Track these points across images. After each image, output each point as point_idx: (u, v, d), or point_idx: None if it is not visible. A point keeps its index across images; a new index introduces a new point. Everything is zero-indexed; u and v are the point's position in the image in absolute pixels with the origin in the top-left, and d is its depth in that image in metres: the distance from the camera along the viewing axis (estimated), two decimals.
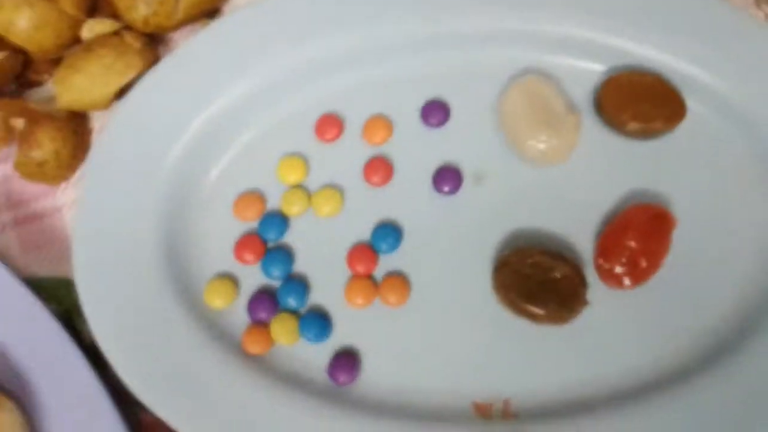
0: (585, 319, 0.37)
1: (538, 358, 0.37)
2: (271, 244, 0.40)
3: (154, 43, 0.44)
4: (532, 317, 0.36)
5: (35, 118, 0.40)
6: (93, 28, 0.42)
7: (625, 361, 0.37)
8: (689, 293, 0.38)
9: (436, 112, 0.41)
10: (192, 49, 0.41)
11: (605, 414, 0.35)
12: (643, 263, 0.36)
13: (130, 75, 0.42)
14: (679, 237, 0.37)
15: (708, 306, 0.38)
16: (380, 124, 0.41)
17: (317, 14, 0.42)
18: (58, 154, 0.40)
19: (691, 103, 0.40)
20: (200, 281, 0.39)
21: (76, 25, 0.42)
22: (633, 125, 0.39)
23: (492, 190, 0.40)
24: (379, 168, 0.40)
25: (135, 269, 0.38)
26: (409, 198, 0.40)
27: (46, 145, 0.40)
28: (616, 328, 0.37)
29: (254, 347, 0.37)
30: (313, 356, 0.38)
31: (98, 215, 0.39)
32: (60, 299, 0.39)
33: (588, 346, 0.37)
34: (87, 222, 0.38)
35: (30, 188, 0.42)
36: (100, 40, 0.42)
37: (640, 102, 0.39)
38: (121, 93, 0.42)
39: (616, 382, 0.36)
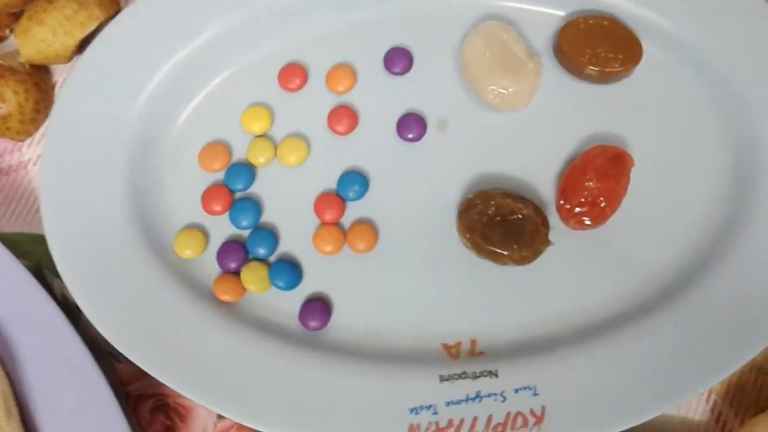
0: (548, 259, 0.38)
1: (502, 299, 0.38)
2: (238, 195, 0.40)
3: None
4: (496, 258, 0.37)
5: None
6: None
7: (587, 299, 0.38)
8: (648, 231, 0.39)
9: (399, 59, 0.41)
10: None
11: (568, 351, 0.36)
12: (603, 203, 0.37)
13: (92, 26, 0.41)
14: (637, 177, 0.38)
15: (666, 243, 0.39)
16: (344, 72, 0.41)
17: None
18: (21, 108, 0.40)
19: (647, 46, 0.41)
20: (170, 232, 0.39)
21: None
22: (591, 69, 0.39)
23: (455, 135, 0.41)
24: (344, 116, 0.41)
25: (104, 222, 0.38)
26: (374, 146, 0.41)
27: (10, 98, 0.40)
28: (578, 268, 0.39)
29: (225, 295, 0.38)
30: (285, 303, 0.38)
31: (64, 169, 0.39)
32: (29, 254, 0.40)
33: (551, 286, 0.38)
34: (53, 176, 0.38)
35: None
36: None
37: (597, 46, 0.40)
38: (83, 46, 0.42)
39: (579, 319, 0.38)
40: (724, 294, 0.37)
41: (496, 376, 0.36)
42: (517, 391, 0.35)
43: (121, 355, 0.36)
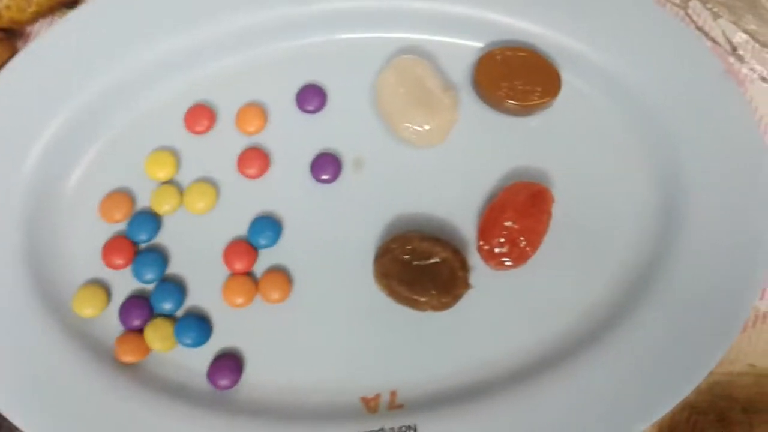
0: (469, 302, 0.36)
1: (423, 347, 0.36)
2: (141, 246, 0.38)
3: (11, 38, 0.42)
4: (414, 305, 0.35)
5: None
6: None
7: (511, 343, 0.36)
8: (572, 269, 0.38)
9: (311, 97, 0.40)
10: (49, 42, 0.39)
11: (491, 400, 0.35)
12: (523, 242, 0.36)
13: None
14: (560, 213, 0.37)
15: (590, 281, 0.37)
16: (254, 112, 0.40)
17: (182, 0, 0.40)
18: None
19: (568, 76, 0.40)
20: (69, 289, 0.37)
21: None
22: (509, 102, 0.38)
23: (372, 175, 0.39)
24: (255, 159, 0.39)
25: None
26: (287, 189, 0.39)
27: None
28: (501, 310, 0.37)
29: (128, 356, 0.36)
30: (193, 361, 0.36)
31: None
32: None
33: (473, 331, 0.37)
34: None
35: None
36: None
37: (515, 78, 0.38)
38: None
39: (502, 365, 0.36)
40: (652, 332, 0.36)
41: (415, 431, 0.34)
42: None
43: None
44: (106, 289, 0.37)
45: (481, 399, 0.35)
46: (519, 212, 0.36)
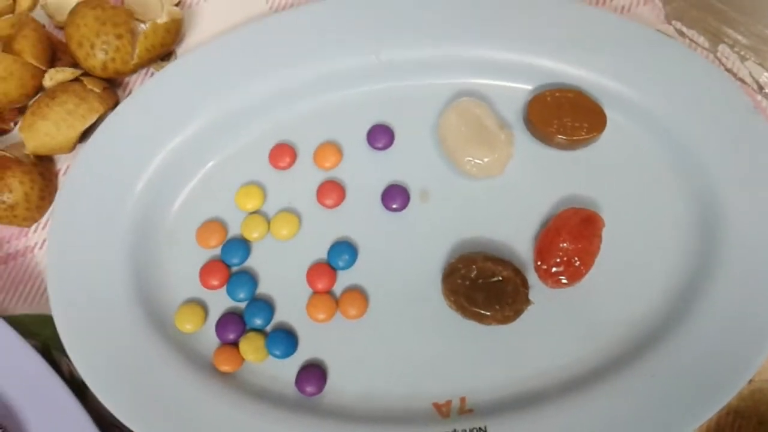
0: (529, 317, 0.40)
1: (488, 357, 0.40)
2: (234, 269, 0.42)
3: (113, 87, 0.47)
4: (480, 319, 0.39)
5: (4, 164, 0.42)
6: (54, 77, 0.45)
7: (568, 354, 0.40)
8: (622, 287, 0.41)
9: (381, 136, 0.44)
10: (149, 91, 0.44)
11: (552, 404, 0.38)
12: (577, 262, 0.39)
13: (92, 118, 0.44)
14: (608, 236, 0.41)
15: (639, 298, 0.41)
16: (330, 150, 0.44)
17: (266, 51, 0.45)
18: (27, 197, 0.43)
19: (611, 114, 0.44)
20: (170, 307, 0.41)
21: (39, 74, 0.44)
22: (559, 138, 0.42)
23: (437, 204, 0.43)
24: (332, 191, 0.43)
25: (108, 300, 0.40)
26: (361, 217, 0.43)
27: (16, 188, 0.42)
28: (558, 324, 0.41)
29: (225, 366, 0.40)
30: (282, 371, 0.40)
31: (69, 252, 0.41)
32: (37, 334, 0.41)
33: (533, 342, 0.40)
34: (59, 259, 0.41)
35: (2, 231, 0.44)
36: (62, 87, 0.44)
37: (564, 116, 0.43)
38: (85, 136, 0.45)
39: (561, 374, 0.40)
40: (697, 343, 0.39)
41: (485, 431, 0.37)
42: None
43: (126, 428, 0.38)
44: (203, 307, 0.41)
45: (541, 403, 0.39)
46: (573, 235, 0.39)
